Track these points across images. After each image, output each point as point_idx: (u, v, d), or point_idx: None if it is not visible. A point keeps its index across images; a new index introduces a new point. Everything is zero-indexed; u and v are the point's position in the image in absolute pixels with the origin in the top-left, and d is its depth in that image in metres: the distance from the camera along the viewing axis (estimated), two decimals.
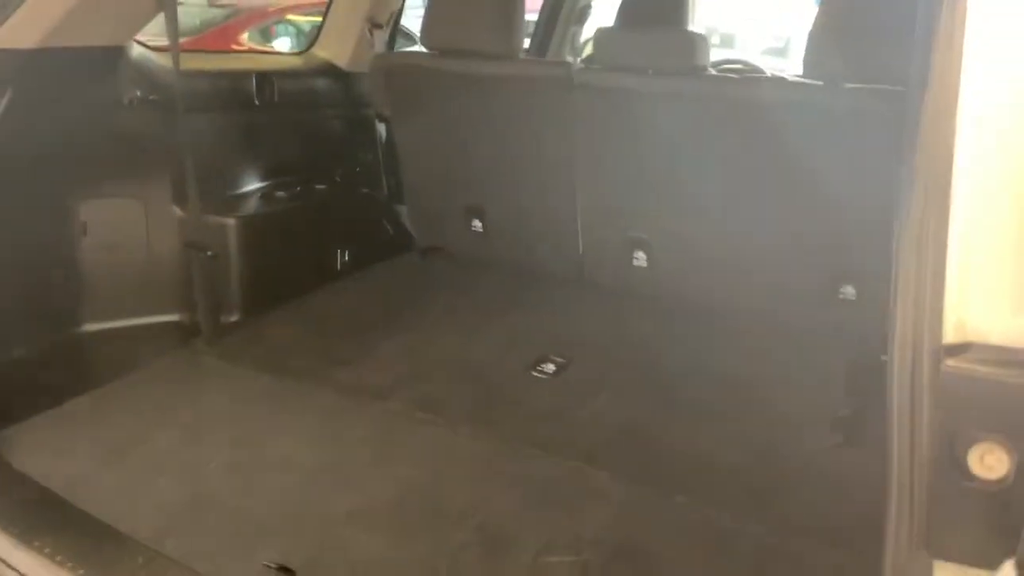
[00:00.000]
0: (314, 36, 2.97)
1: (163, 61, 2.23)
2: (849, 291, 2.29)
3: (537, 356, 2.19)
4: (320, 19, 3.01)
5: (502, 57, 2.46)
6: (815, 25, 2.14)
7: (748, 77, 2.54)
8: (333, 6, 2.88)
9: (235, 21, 7.95)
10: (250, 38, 8.00)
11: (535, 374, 2.12)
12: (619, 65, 2.34)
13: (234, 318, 2.37)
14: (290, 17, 8.49)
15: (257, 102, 2.53)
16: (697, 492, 1.64)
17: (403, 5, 3.01)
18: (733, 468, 1.72)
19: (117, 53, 2.07)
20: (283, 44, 8.40)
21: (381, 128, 2.96)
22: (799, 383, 2.07)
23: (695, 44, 2.27)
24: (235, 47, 7.76)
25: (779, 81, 2.54)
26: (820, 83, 2.12)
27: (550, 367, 2.14)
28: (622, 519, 1.58)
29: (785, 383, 2.07)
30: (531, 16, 3.24)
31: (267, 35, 8.26)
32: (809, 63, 2.13)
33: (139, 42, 2.18)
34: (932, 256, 0.79)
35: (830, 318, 2.30)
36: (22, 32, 1.72)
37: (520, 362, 2.16)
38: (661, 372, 2.13)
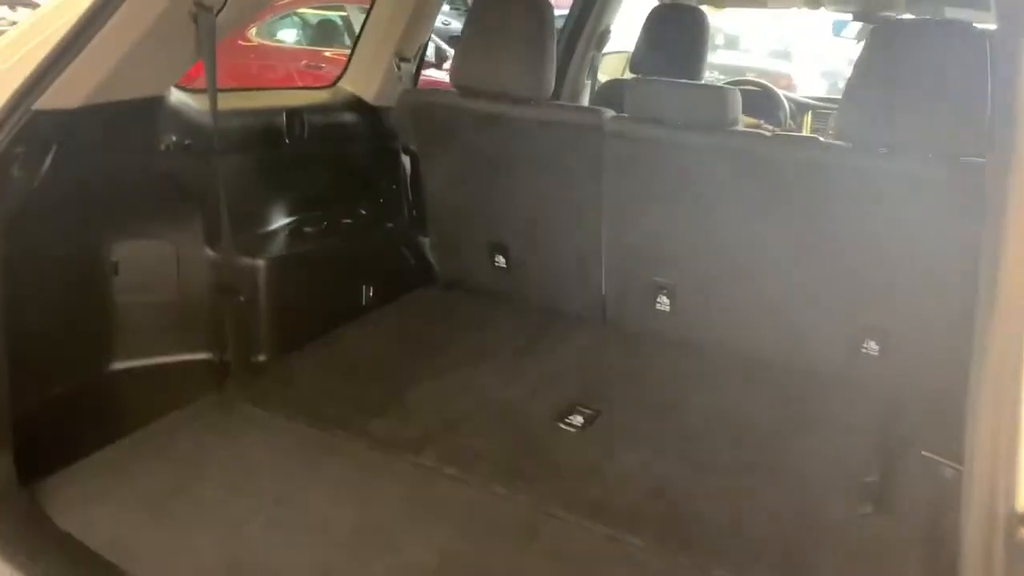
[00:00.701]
0: (325, 32, 2.95)
1: (198, 104, 2.24)
2: (872, 346, 2.33)
3: (565, 405, 2.21)
4: (326, 12, 3.00)
5: (531, 100, 2.49)
6: (848, 87, 2.17)
7: (779, 136, 2.57)
8: (362, 39, 2.88)
9: None
10: (257, 33, 7.99)
11: (563, 426, 2.15)
12: (651, 117, 2.37)
13: (262, 357, 2.40)
14: (300, 10, 8.47)
15: (287, 140, 2.54)
16: (732, 563, 1.67)
17: (429, 38, 3.02)
18: (764, 537, 1.76)
19: (158, 102, 2.08)
20: (289, 36, 8.39)
21: (406, 160, 2.98)
22: (824, 437, 2.11)
23: (727, 100, 2.29)
24: (242, 43, 7.76)
25: (810, 142, 2.56)
26: (850, 145, 2.15)
27: (578, 419, 2.17)
28: None
29: (811, 436, 2.11)
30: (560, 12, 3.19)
31: (273, 30, 8.24)
32: (841, 125, 2.16)
33: (177, 85, 2.18)
34: (1009, 418, 0.82)
35: (853, 372, 2.34)
36: (68, 92, 1.73)
37: (548, 412, 2.19)
38: (687, 424, 2.16)
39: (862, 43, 2.34)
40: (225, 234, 2.23)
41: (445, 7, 8.53)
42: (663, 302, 2.59)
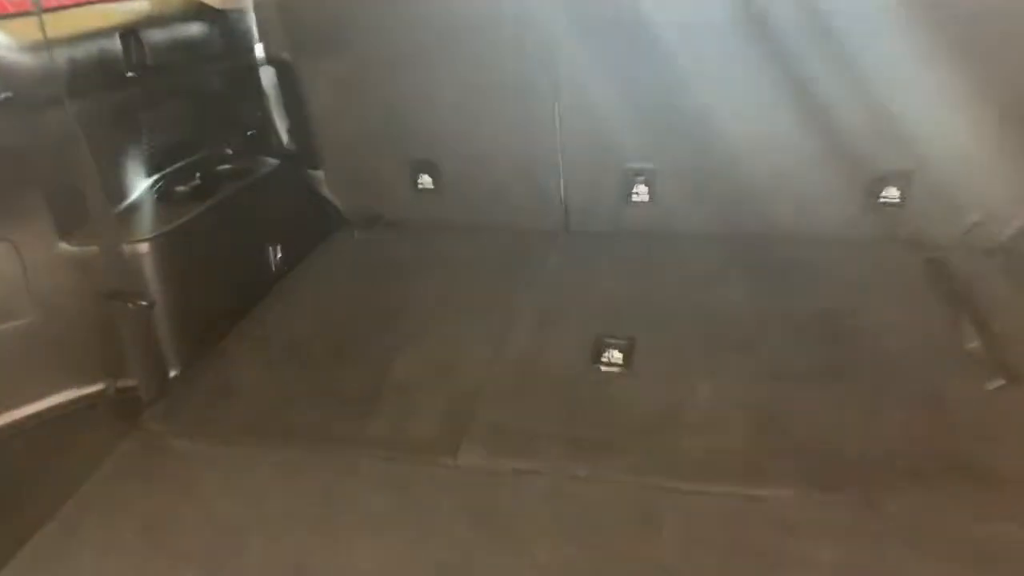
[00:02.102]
0: None
1: (7, 38, 1.51)
2: (892, 193, 2.06)
3: (590, 342, 1.78)
4: None
5: None
6: None
7: None
8: None
9: None
10: None
11: (605, 368, 1.72)
12: None
13: (175, 372, 1.76)
14: None
15: (128, 72, 1.82)
16: (894, 484, 1.36)
17: None
18: (905, 446, 1.45)
19: None
20: None
21: (269, 75, 2.31)
22: (892, 309, 1.82)
23: None
24: None
25: None
26: None
27: (616, 354, 1.75)
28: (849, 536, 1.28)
29: (875, 313, 1.81)
30: None
31: None
32: None
33: None
34: None
35: (869, 226, 2.08)
36: None
37: (577, 356, 1.75)
38: (735, 331, 1.79)
39: None
40: (99, 213, 1.55)
41: None
42: (640, 191, 2.18)
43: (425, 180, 2.30)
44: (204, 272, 1.85)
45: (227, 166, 2.11)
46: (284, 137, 2.38)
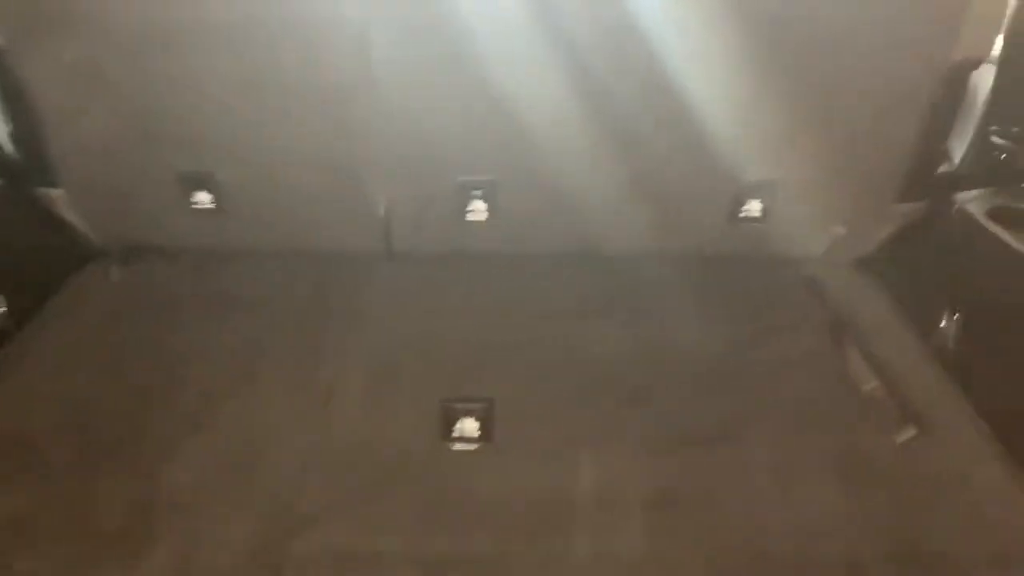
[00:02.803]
0: None
1: None
2: (755, 207, 1.84)
3: (436, 412, 1.41)
4: None
5: None
6: None
7: None
8: None
9: None
10: None
11: (459, 447, 1.36)
12: None
13: None
14: None
15: None
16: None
17: None
18: (817, 538, 1.22)
19: None
20: None
21: None
22: (769, 338, 1.60)
23: None
24: None
25: None
26: None
27: (470, 425, 1.39)
28: None
29: (763, 349, 1.59)
30: None
31: None
32: None
33: None
34: None
35: (734, 242, 1.85)
36: None
37: (421, 433, 1.37)
38: (615, 375, 1.49)
39: None
40: None
41: None
42: (478, 208, 1.82)
43: (202, 198, 1.80)
44: None
45: None
46: (4, 146, 1.78)
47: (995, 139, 1.74)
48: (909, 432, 1.35)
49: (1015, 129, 1.72)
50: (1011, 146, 1.71)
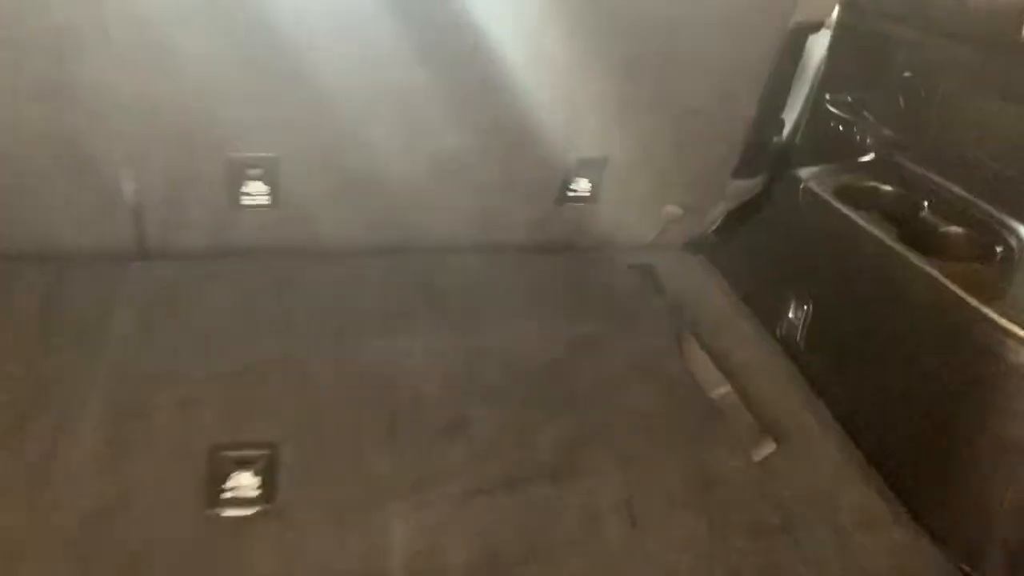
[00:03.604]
0: None
1: None
2: (582, 185, 1.62)
3: (202, 463, 1.08)
4: None
5: None
6: None
7: None
8: None
9: None
10: None
11: (231, 512, 1.04)
12: None
13: None
14: None
15: None
16: None
17: None
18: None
19: None
20: None
21: None
22: (603, 342, 1.38)
23: None
24: None
25: None
26: None
27: (246, 480, 1.07)
28: None
29: (588, 350, 1.36)
30: None
31: None
32: None
33: None
34: None
35: (559, 228, 1.63)
36: None
37: (181, 495, 1.04)
38: (430, 401, 1.22)
39: None
40: None
41: None
42: (256, 190, 1.48)
43: None
44: None
45: None
46: None
47: (830, 108, 1.62)
48: (768, 447, 1.19)
49: (849, 98, 1.61)
50: (845, 116, 1.59)
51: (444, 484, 1.08)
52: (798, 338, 1.40)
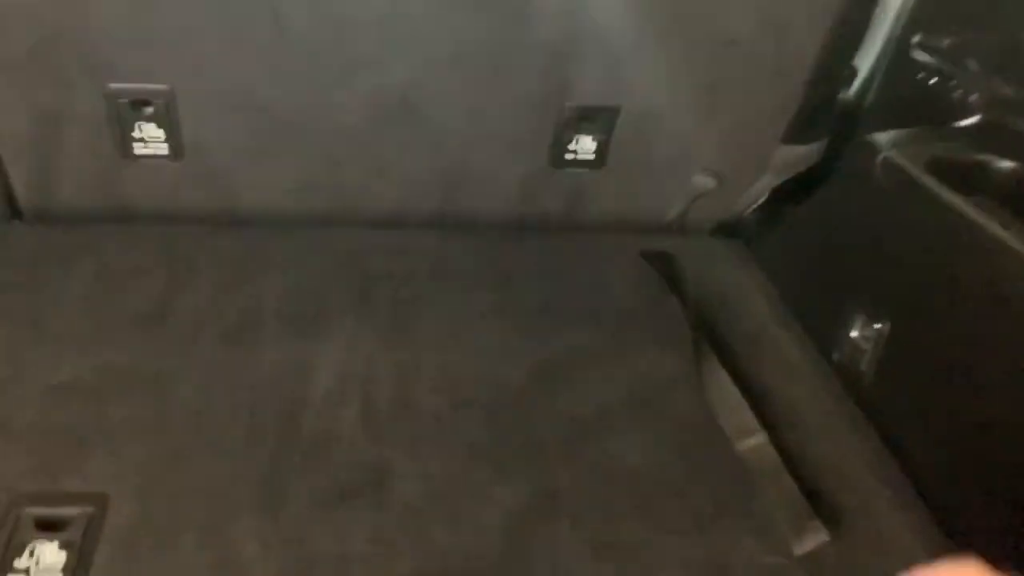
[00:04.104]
0: None
1: None
2: (586, 145, 1.25)
3: None
4: None
5: None
6: None
7: None
8: None
9: None
10: None
11: None
12: None
13: None
14: None
15: None
16: None
17: None
18: None
19: None
20: None
21: None
22: (605, 366, 1.01)
23: None
24: None
25: None
26: None
27: (48, 560, 0.74)
28: None
29: (582, 376, 0.99)
30: None
31: None
32: None
33: None
34: None
35: (552, 203, 1.26)
36: None
37: None
38: (350, 460, 0.87)
39: None
40: None
41: None
42: (152, 137, 1.13)
43: None
44: None
45: None
46: None
47: (918, 55, 1.21)
48: (817, 535, 0.82)
49: (946, 41, 1.20)
50: (940, 65, 1.18)
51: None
52: (863, 366, 1.01)
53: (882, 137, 1.07)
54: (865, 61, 1.24)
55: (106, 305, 1.01)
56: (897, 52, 1.19)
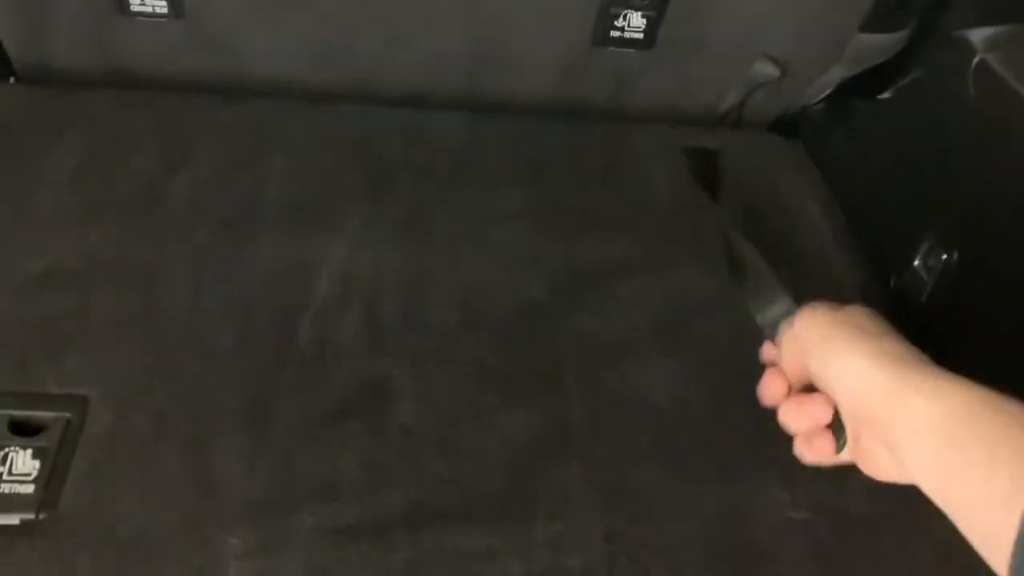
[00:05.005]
0: None
1: None
2: (635, 21, 1.10)
3: None
4: None
5: None
6: None
7: None
8: None
9: None
10: None
11: None
12: None
13: None
14: None
15: None
16: None
17: None
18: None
19: None
20: None
21: None
22: (629, 296, 0.90)
23: None
24: None
25: None
26: None
27: (20, 468, 0.69)
28: None
29: (600, 305, 0.89)
30: None
31: None
32: None
33: None
34: None
35: (591, 88, 1.12)
36: None
37: None
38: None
39: None
40: None
41: None
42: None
43: None
44: None
45: None
46: None
47: None
48: None
49: None
50: None
51: (315, 513, 0.68)
52: (923, 298, 0.90)
53: (977, 35, 0.92)
54: None
55: (95, 183, 0.93)
56: None
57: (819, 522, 0.73)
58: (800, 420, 0.59)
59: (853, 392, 0.53)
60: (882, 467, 0.55)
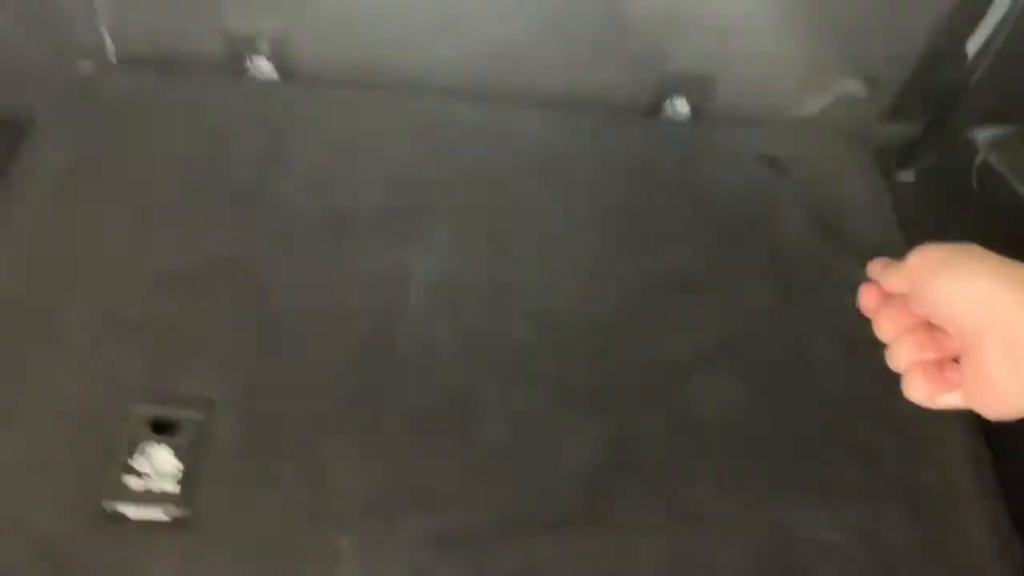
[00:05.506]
0: None
1: None
2: (680, 105, 1.12)
3: (102, 418, 0.80)
4: None
5: None
6: None
7: None
8: None
9: None
10: None
11: (138, 513, 0.77)
12: None
13: None
14: None
15: None
16: None
17: None
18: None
19: None
20: None
21: None
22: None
23: None
24: None
25: None
26: None
27: (163, 465, 0.80)
28: None
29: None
30: None
31: None
32: None
33: None
34: None
35: (648, 148, 1.14)
36: None
37: (69, 467, 0.78)
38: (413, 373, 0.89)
39: None
40: None
41: None
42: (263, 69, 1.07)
43: None
44: None
45: None
46: None
47: None
48: None
49: None
50: None
51: (416, 519, 0.78)
52: None
53: (983, 133, 0.94)
54: (980, 31, 1.05)
55: (207, 180, 1.00)
56: (1019, 23, 1.00)
57: (854, 548, 0.81)
58: (927, 349, 0.55)
59: (979, 308, 0.50)
60: (1001, 394, 0.51)
